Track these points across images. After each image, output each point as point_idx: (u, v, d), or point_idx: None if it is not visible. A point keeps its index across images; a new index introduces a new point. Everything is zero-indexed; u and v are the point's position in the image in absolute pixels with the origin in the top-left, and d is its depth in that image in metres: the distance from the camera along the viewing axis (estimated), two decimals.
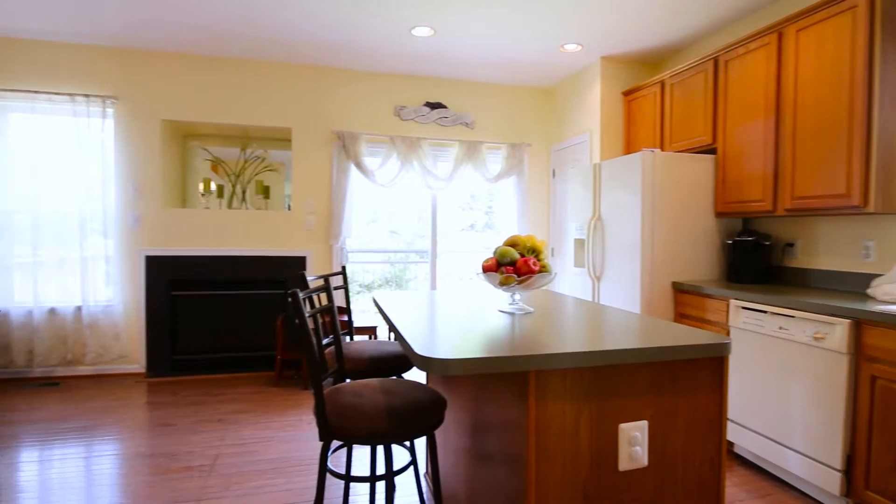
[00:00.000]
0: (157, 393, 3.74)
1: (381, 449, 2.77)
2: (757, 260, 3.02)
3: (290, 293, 1.38)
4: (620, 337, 1.43)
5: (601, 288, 3.51)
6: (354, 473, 2.56)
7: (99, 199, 4.01)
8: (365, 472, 2.58)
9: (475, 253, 5.26)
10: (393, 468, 1.77)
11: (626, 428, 1.31)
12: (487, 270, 1.81)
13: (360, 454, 2.77)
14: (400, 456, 2.76)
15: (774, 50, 2.77)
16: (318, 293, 1.76)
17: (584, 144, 4.40)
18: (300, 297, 1.39)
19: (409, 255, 5.34)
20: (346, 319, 3.07)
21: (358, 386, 1.60)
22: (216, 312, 4.28)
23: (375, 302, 2.12)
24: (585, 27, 3.57)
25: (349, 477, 1.61)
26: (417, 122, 4.67)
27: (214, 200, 4.53)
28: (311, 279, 2.11)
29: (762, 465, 2.59)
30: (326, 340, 1.84)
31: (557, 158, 4.89)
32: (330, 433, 1.45)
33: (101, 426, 3.08)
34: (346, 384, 1.63)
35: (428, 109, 4.68)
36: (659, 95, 3.71)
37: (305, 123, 4.44)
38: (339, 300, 4.31)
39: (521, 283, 1.75)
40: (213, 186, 4.53)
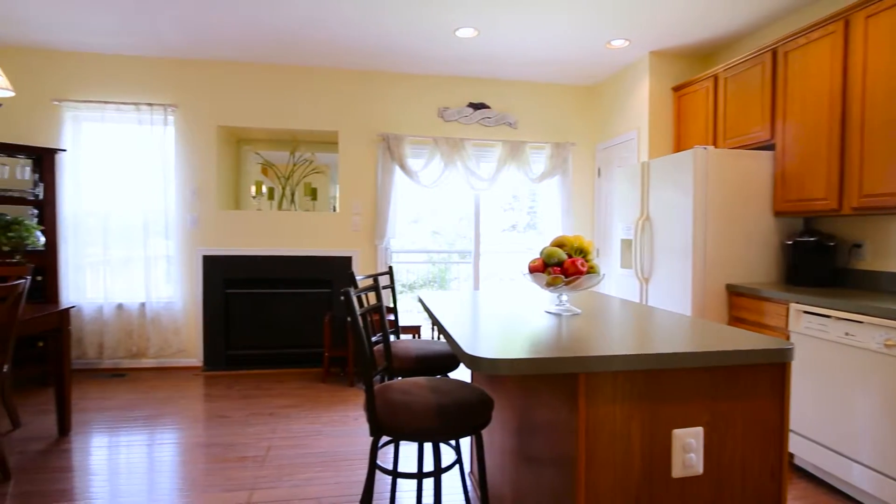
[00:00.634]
0: (212, 386, 3.93)
1: (427, 447, 2.80)
2: (819, 261, 2.86)
3: (343, 292, 1.43)
4: (673, 340, 1.39)
5: (649, 290, 3.42)
6: (400, 470, 2.60)
7: (161, 201, 4.26)
8: (409, 468, 2.62)
9: (517, 253, 5.23)
10: (441, 466, 1.79)
11: (680, 434, 1.28)
12: (534, 271, 1.81)
13: (405, 451, 2.81)
14: (444, 454, 2.78)
15: (840, 39, 2.61)
16: (366, 292, 1.81)
17: (631, 142, 4.30)
18: (352, 295, 1.44)
19: (450, 255, 5.37)
20: (392, 318, 3.12)
21: (407, 384, 1.63)
22: (266, 310, 4.45)
23: (422, 301, 2.15)
24: (634, 22, 3.49)
25: (397, 473, 1.65)
26: (460, 122, 4.69)
27: (265, 202, 4.71)
28: (359, 279, 2.16)
29: (825, 478, 2.46)
30: (375, 338, 1.88)
31: (603, 157, 4.79)
32: (380, 429, 1.49)
33: (163, 416, 3.27)
34: (395, 382, 1.66)
35: (471, 110, 4.69)
36: (711, 90, 3.58)
37: (351, 126, 4.55)
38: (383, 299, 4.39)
39: (568, 284, 1.73)
40: (263, 189, 4.71)
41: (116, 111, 4.17)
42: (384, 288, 2.42)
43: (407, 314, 5.20)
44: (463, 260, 5.12)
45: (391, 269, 2.57)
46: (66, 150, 4.05)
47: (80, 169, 4.16)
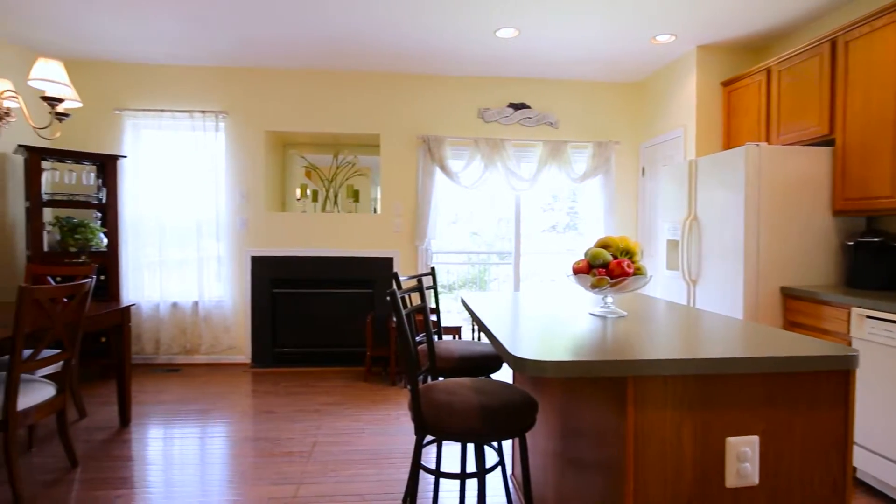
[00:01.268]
0: (260, 382, 4.07)
1: (469, 448, 2.81)
2: (884, 263, 2.69)
3: (389, 292, 1.46)
4: (725, 344, 1.35)
5: (697, 292, 3.30)
6: (442, 470, 2.62)
7: (212, 204, 4.45)
8: (451, 469, 2.63)
9: (557, 255, 5.16)
10: (485, 467, 1.79)
11: (734, 442, 1.24)
12: (578, 272, 1.78)
13: (447, 452, 2.83)
14: (486, 456, 2.78)
15: None
16: (409, 293, 1.83)
17: (677, 140, 4.17)
18: (398, 296, 1.46)
19: (490, 256, 5.36)
20: (434, 319, 3.15)
21: (451, 384, 1.64)
22: (310, 309, 4.57)
23: (464, 302, 2.16)
24: (680, 15, 3.38)
25: (440, 473, 1.66)
26: (501, 123, 4.67)
27: (310, 204, 4.84)
28: (402, 279, 2.20)
29: (890, 493, 2.31)
30: (418, 338, 1.90)
31: (647, 156, 4.67)
32: (424, 428, 1.51)
33: (214, 410, 3.41)
34: (439, 382, 1.68)
35: (511, 110, 4.67)
36: (764, 84, 3.43)
37: (392, 129, 4.62)
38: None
39: (613, 285, 1.70)
40: (308, 191, 4.85)
41: (172, 118, 4.39)
42: (427, 289, 2.44)
43: (446, 315, 5.22)
44: (503, 261, 5.10)
45: (433, 269, 2.60)
46: (126, 156, 4.30)
47: (138, 174, 4.40)
